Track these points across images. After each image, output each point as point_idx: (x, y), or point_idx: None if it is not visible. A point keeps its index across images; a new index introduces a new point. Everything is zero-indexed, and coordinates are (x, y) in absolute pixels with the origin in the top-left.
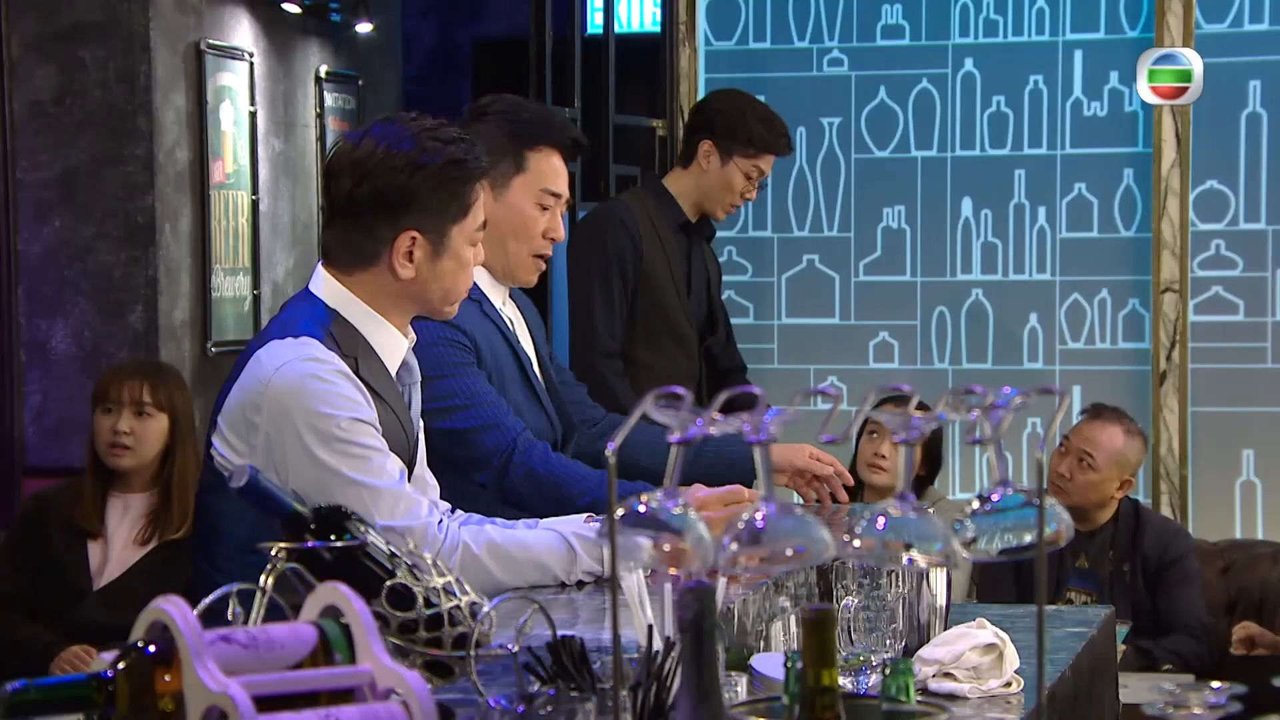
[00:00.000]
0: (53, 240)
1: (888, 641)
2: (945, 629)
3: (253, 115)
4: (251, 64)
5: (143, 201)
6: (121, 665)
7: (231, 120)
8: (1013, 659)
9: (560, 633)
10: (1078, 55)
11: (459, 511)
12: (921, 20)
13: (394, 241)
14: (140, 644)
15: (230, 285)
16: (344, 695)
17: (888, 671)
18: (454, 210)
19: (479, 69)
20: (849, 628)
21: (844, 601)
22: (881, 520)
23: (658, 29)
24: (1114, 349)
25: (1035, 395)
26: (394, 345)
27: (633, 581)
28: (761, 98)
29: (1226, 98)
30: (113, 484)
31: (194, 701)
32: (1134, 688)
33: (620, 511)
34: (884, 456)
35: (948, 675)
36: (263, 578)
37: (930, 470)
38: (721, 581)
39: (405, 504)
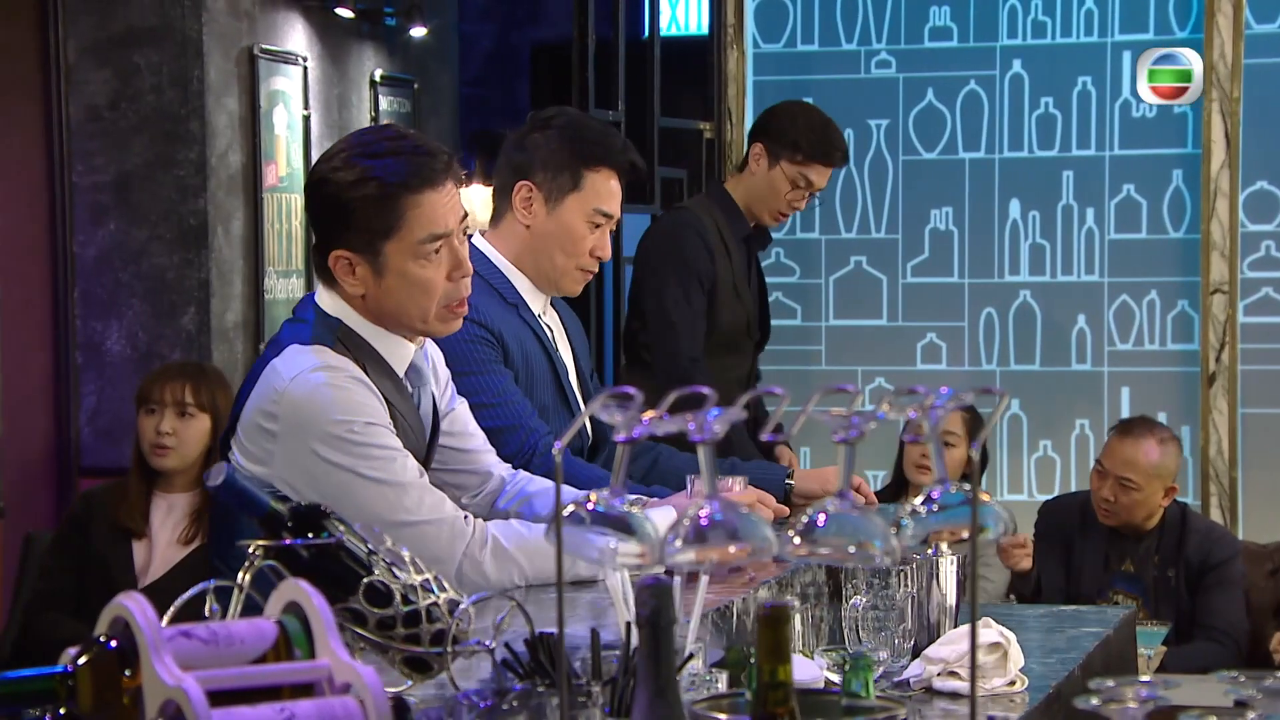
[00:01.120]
0: (107, 243)
1: (896, 641)
2: (955, 628)
3: (306, 119)
4: (305, 68)
5: (195, 205)
6: (82, 660)
7: (285, 124)
8: (1017, 658)
9: (540, 629)
10: (1126, 56)
11: (520, 473)
12: (969, 22)
13: (330, 261)
14: (102, 639)
15: (284, 287)
16: (305, 690)
17: (848, 667)
18: (379, 227)
19: (536, 72)
20: (857, 627)
21: (852, 600)
22: (822, 518)
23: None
24: (1163, 350)
25: (976, 395)
26: (399, 351)
27: (616, 579)
28: (809, 99)
29: (1277, 98)
30: (157, 484)
31: (151, 695)
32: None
33: (570, 509)
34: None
35: (952, 674)
36: (240, 575)
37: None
38: (705, 580)
39: (430, 500)
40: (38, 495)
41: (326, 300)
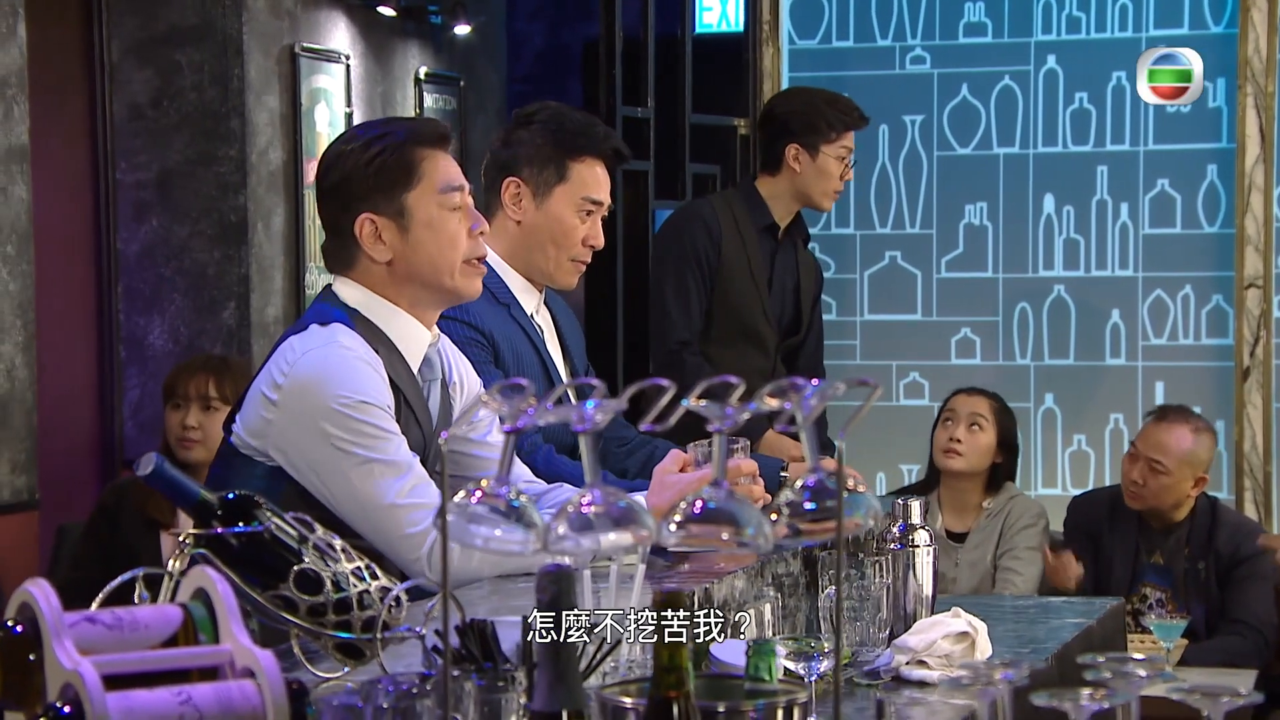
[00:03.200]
0: (150, 239)
1: (871, 630)
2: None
3: (349, 116)
4: (348, 66)
5: (235, 201)
6: None
7: (327, 121)
8: (985, 647)
9: (471, 617)
10: None
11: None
12: (1004, 17)
13: (355, 231)
14: (10, 624)
15: (324, 282)
16: (212, 674)
17: (751, 652)
18: (399, 180)
19: (588, 69)
20: (831, 616)
21: (827, 591)
22: (699, 505)
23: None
24: (1197, 345)
25: (848, 387)
26: (417, 338)
27: None
28: (845, 95)
29: None
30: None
31: (52, 679)
32: None
33: (460, 497)
34: (959, 441)
35: (921, 663)
36: (170, 562)
37: (1007, 459)
38: (642, 569)
39: (414, 485)
40: (82, 487)
41: (344, 291)
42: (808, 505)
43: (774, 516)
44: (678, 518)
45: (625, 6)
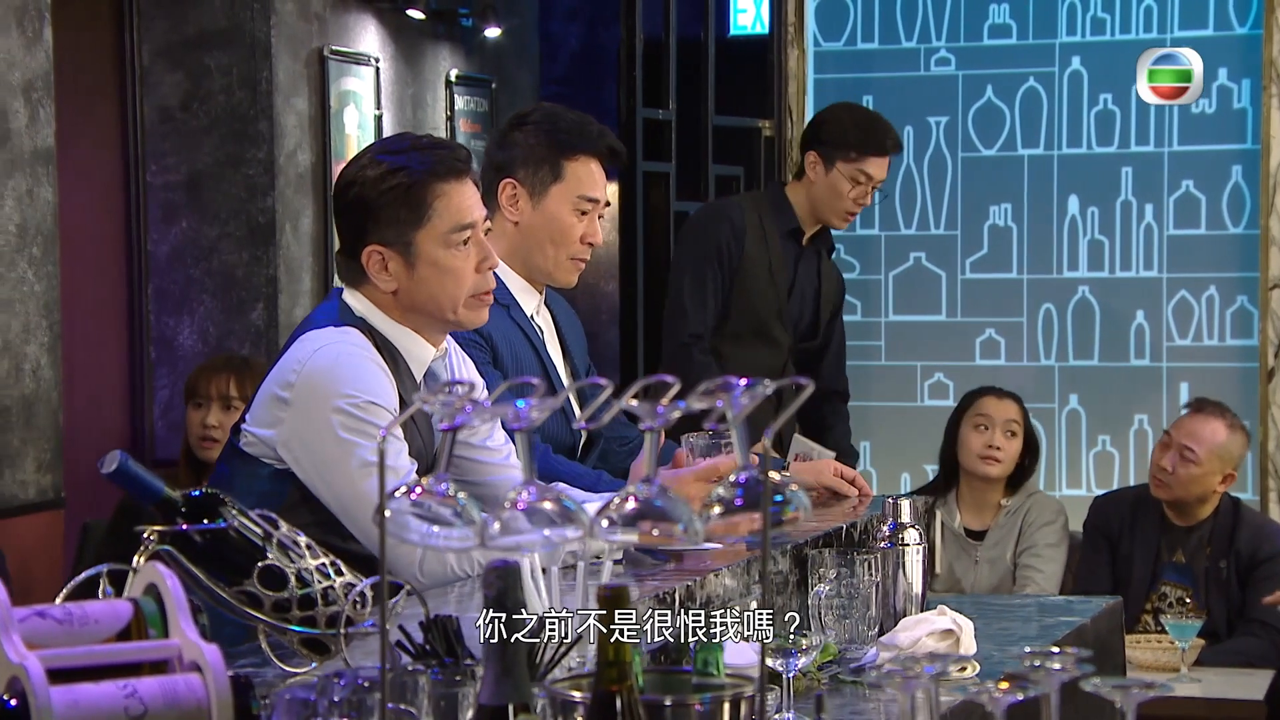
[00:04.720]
0: (179, 240)
1: (860, 628)
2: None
3: (378, 119)
4: (377, 69)
5: (263, 203)
6: None
7: (356, 124)
8: (969, 645)
9: (435, 613)
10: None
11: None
12: (1028, 19)
13: (362, 260)
14: None
15: None
16: (162, 668)
17: (698, 646)
18: (408, 218)
19: (622, 70)
20: (819, 614)
21: (816, 589)
22: (630, 501)
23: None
24: (1222, 346)
25: (775, 385)
26: (420, 352)
27: (525, 564)
28: (869, 98)
29: None
30: (205, 475)
31: (0, 672)
32: None
33: (400, 493)
34: (998, 448)
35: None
36: (135, 559)
37: (1030, 460)
38: (609, 565)
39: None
40: (111, 487)
41: (353, 302)
42: (739, 501)
43: (711, 511)
44: (610, 515)
45: (650, 8)
